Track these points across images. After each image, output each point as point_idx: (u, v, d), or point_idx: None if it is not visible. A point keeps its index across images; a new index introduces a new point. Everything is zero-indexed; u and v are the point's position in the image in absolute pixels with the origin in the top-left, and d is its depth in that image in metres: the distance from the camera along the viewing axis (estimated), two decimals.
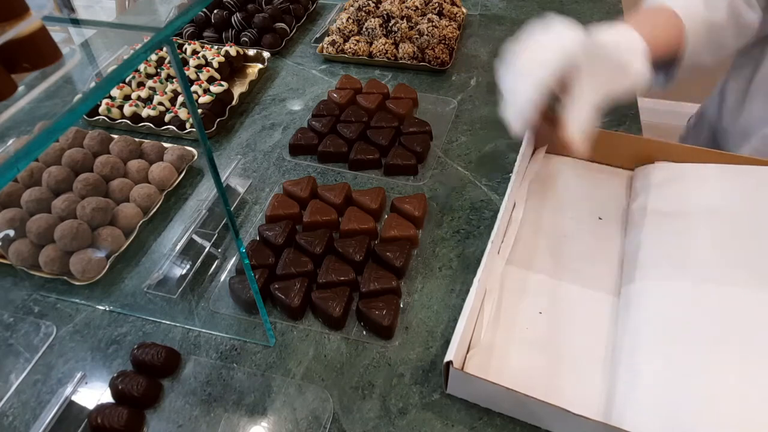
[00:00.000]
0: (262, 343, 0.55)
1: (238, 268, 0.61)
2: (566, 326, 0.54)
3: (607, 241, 0.62)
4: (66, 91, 0.90)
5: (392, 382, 0.52)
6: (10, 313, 0.59)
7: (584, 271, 0.59)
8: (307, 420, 0.49)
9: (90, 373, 0.54)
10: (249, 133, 0.83)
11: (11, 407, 0.51)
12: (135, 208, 0.66)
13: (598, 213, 0.66)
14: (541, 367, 0.51)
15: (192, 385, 0.52)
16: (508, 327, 0.54)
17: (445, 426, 0.48)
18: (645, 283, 0.54)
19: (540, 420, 0.47)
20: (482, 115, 0.83)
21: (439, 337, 0.55)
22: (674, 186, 0.63)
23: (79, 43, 0.95)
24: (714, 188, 0.61)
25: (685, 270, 0.54)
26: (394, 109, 0.81)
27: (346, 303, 0.56)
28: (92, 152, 0.72)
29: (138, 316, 0.58)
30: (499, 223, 0.58)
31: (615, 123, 0.80)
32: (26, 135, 0.80)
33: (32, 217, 0.62)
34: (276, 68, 0.96)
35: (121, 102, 0.84)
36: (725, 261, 0.54)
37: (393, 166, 0.73)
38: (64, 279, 0.60)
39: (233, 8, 1.03)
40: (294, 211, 0.66)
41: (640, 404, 0.46)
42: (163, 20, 1.16)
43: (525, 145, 0.67)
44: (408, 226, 0.63)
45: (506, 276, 0.59)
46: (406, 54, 0.92)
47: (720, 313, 0.50)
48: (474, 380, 0.46)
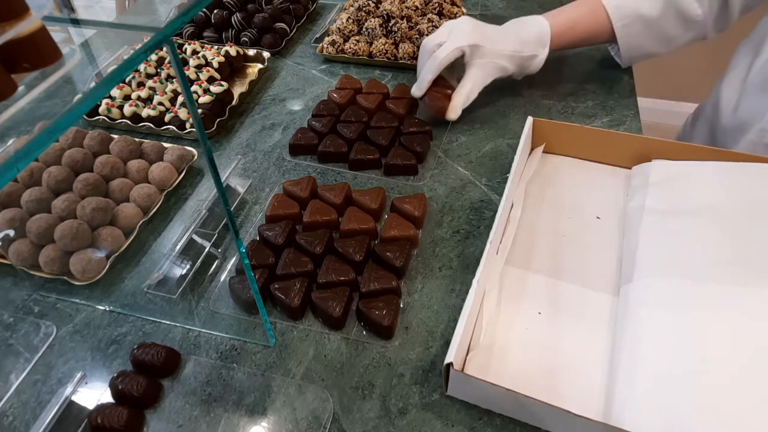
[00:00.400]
0: (262, 343, 0.55)
1: (238, 268, 0.61)
2: (566, 326, 0.54)
3: (605, 240, 0.62)
4: (66, 91, 0.90)
5: (392, 382, 0.52)
6: (10, 313, 0.59)
7: (583, 270, 0.59)
8: (307, 420, 0.49)
9: (90, 373, 0.54)
10: (249, 133, 0.83)
11: (11, 407, 0.51)
12: (135, 208, 0.66)
13: (596, 212, 0.66)
14: (541, 368, 0.51)
15: (192, 385, 0.52)
16: (508, 328, 0.54)
17: (445, 426, 0.48)
18: (644, 282, 0.54)
19: (540, 421, 0.47)
20: (482, 115, 0.83)
21: (439, 337, 0.55)
22: (672, 184, 0.63)
23: (79, 43, 0.95)
24: (712, 186, 0.61)
25: (683, 268, 0.54)
26: (394, 109, 0.81)
27: (346, 303, 0.56)
28: (92, 152, 0.72)
29: (138, 316, 0.58)
30: (498, 223, 0.58)
31: (615, 123, 0.80)
32: (26, 135, 0.80)
33: (32, 217, 0.62)
34: (276, 68, 0.96)
35: (121, 102, 0.84)
36: (724, 259, 0.54)
37: (393, 166, 0.73)
38: (64, 279, 0.60)
39: (233, 8, 1.03)
40: (294, 211, 0.66)
41: (639, 404, 0.46)
42: (163, 20, 1.17)
43: (522, 144, 0.67)
44: (408, 226, 0.63)
45: (505, 276, 0.59)
46: (406, 54, 0.92)
47: (719, 311, 0.50)
48: (474, 382, 0.46)
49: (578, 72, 0.92)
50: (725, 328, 0.49)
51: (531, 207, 0.66)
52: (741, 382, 0.46)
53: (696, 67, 1.92)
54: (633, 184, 0.67)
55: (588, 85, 0.88)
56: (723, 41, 0.86)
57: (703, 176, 0.62)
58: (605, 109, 0.83)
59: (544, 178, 0.70)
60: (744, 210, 0.58)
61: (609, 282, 0.58)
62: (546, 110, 0.84)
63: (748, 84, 0.79)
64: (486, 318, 0.54)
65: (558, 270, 0.59)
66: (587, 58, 0.95)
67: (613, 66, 0.91)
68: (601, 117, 0.82)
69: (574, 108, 0.84)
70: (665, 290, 0.53)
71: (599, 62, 0.93)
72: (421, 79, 0.79)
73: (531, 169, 0.70)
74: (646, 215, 0.61)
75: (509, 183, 0.63)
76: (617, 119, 0.81)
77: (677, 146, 0.66)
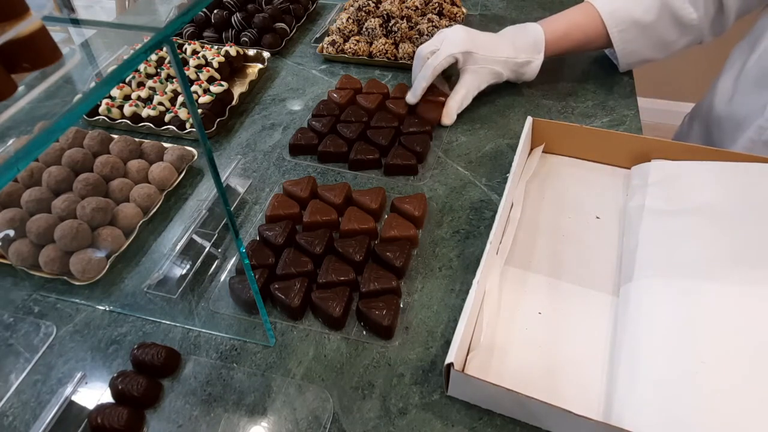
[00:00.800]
0: (262, 343, 0.55)
1: (238, 268, 0.62)
2: (566, 326, 0.54)
3: (605, 240, 0.62)
4: (66, 91, 0.90)
5: (392, 382, 0.52)
6: (10, 313, 0.59)
7: (583, 270, 0.59)
8: (307, 420, 0.49)
9: (90, 373, 0.54)
10: (249, 133, 0.83)
11: (11, 407, 0.51)
12: (135, 208, 0.66)
13: (595, 212, 0.66)
14: (541, 367, 0.51)
15: (192, 385, 0.52)
16: (508, 327, 0.54)
17: (445, 426, 0.48)
18: (643, 282, 0.54)
19: (541, 421, 0.47)
20: (482, 115, 0.83)
21: (439, 337, 0.55)
22: (671, 184, 0.63)
23: (79, 43, 0.95)
24: (711, 186, 0.61)
25: (683, 268, 0.54)
26: (394, 109, 0.81)
27: (346, 303, 0.56)
28: (92, 152, 0.72)
29: (138, 316, 0.58)
30: (498, 224, 0.58)
31: (615, 123, 0.80)
32: (26, 135, 0.80)
33: (32, 217, 0.62)
34: (276, 68, 0.96)
35: (121, 102, 0.84)
36: (724, 258, 0.54)
37: (393, 166, 0.73)
38: (64, 279, 0.60)
39: (233, 8, 1.03)
40: (294, 211, 0.66)
41: (639, 403, 0.46)
42: (163, 20, 1.17)
43: (522, 144, 0.67)
44: (408, 226, 0.63)
45: (505, 276, 0.59)
46: (406, 54, 0.92)
47: (719, 310, 0.50)
48: (475, 382, 0.46)
49: (578, 72, 0.92)
50: (725, 327, 0.49)
51: (531, 207, 0.66)
52: (741, 381, 0.46)
53: (696, 67, 1.92)
54: (632, 184, 0.67)
55: (588, 85, 0.88)
56: (723, 43, 0.86)
57: (702, 176, 0.63)
58: (605, 109, 0.83)
59: (544, 178, 0.70)
60: (743, 209, 0.58)
61: (609, 282, 0.58)
62: (546, 110, 0.84)
63: (742, 80, 0.79)
64: (486, 318, 0.54)
65: (558, 270, 0.59)
66: (587, 58, 0.95)
67: (613, 66, 0.91)
68: (601, 117, 0.82)
69: (574, 108, 0.84)
70: (665, 290, 0.53)
71: (599, 62, 0.93)
72: (415, 87, 0.80)
73: (531, 169, 0.70)
74: (646, 215, 0.61)
75: (509, 183, 0.63)
76: (617, 119, 0.81)
77: (676, 146, 0.66)
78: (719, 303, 0.51)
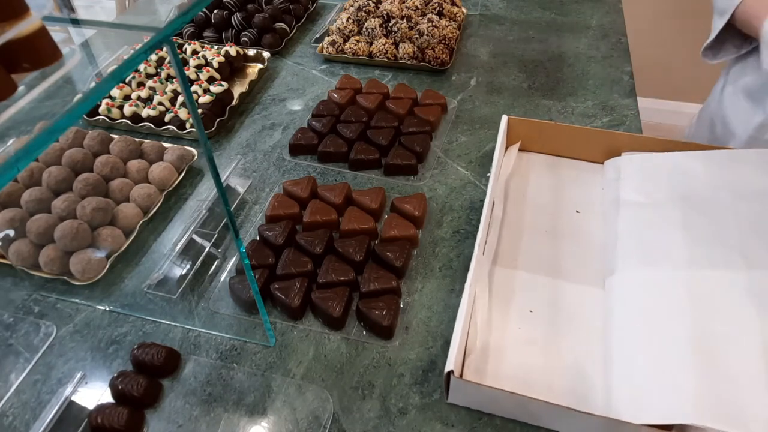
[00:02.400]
0: (262, 343, 0.55)
1: (238, 268, 0.61)
2: (558, 321, 0.55)
3: (587, 233, 0.64)
4: (66, 91, 0.90)
5: (392, 382, 0.52)
6: (10, 313, 0.59)
7: (570, 265, 0.60)
8: (307, 420, 0.49)
9: (90, 373, 0.54)
10: (249, 133, 0.83)
11: (11, 407, 0.51)
12: (135, 208, 0.66)
13: (575, 206, 0.67)
14: (538, 365, 0.52)
15: (192, 385, 0.52)
16: (502, 328, 0.55)
17: (444, 426, 0.48)
18: (626, 274, 0.56)
19: (542, 420, 0.47)
20: (482, 115, 0.83)
21: (439, 337, 0.55)
22: (643, 176, 0.65)
23: (79, 43, 0.95)
24: (682, 174, 0.63)
25: (662, 256, 0.55)
26: (394, 109, 0.81)
27: (346, 303, 0.55)
28: (92, 152, 0.72)
29: (138, 316, 0.58)
30: (483, 224, 0.58)
31: (615, 123, 0.80)
32: (26, 135, 0.80)
33: (32, 217, 0.62)
34: (276, 68, 0.96)
35: (121, 102, 0.84)
36: (700, 243, 0.55)
37: (393, 166, 0.73)
38: (64, 279, 0.60)
39: (233, 8, 1.03)
40: (294, 211, 0.66)
41: (636, 393, 0.46)
42: (163, 20, 1.16)
43: (499, 143, 0.67)
44: (408, 226, 0.63)
45: (493, 277, 0.59)
46: (406, 54, 0.92)
47: (701, 295, 0.51)
48: (475, 388, 0.46)
49: (578, 72, 0.92)
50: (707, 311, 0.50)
51: (512, 205, 0.67)
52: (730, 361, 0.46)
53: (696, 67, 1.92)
54: (606, 177, 0.68)
55: (588, 85, 0.88)
56: None
57: (672, 166, 0.64)
58: (605, 109, 0.83)
59: (523, 176, 0.71)
60: (714, 195, 0.59)
61: (595, 275, 0.59)
62: (546, 110, 0.84)
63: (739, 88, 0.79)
64: (480, 320, 0.54)
65: (544, 266, 0.60)
66: (587, 58, 0.95)
67: (613, 66, 0.91)
68: (601, 117, 0.82)
69: (574, 108, 0.84)
70: (646, 279, 0.54)
71: (599, 62, 0.93)
72: None
73: (508, 167, 0.70)
74: (622, 208, 0.62)
75: (491, 183, 0.63)
76: (617, 119, 0.81)
77: (646, 140, 0.67)
78: (700, 288, 0.52)
